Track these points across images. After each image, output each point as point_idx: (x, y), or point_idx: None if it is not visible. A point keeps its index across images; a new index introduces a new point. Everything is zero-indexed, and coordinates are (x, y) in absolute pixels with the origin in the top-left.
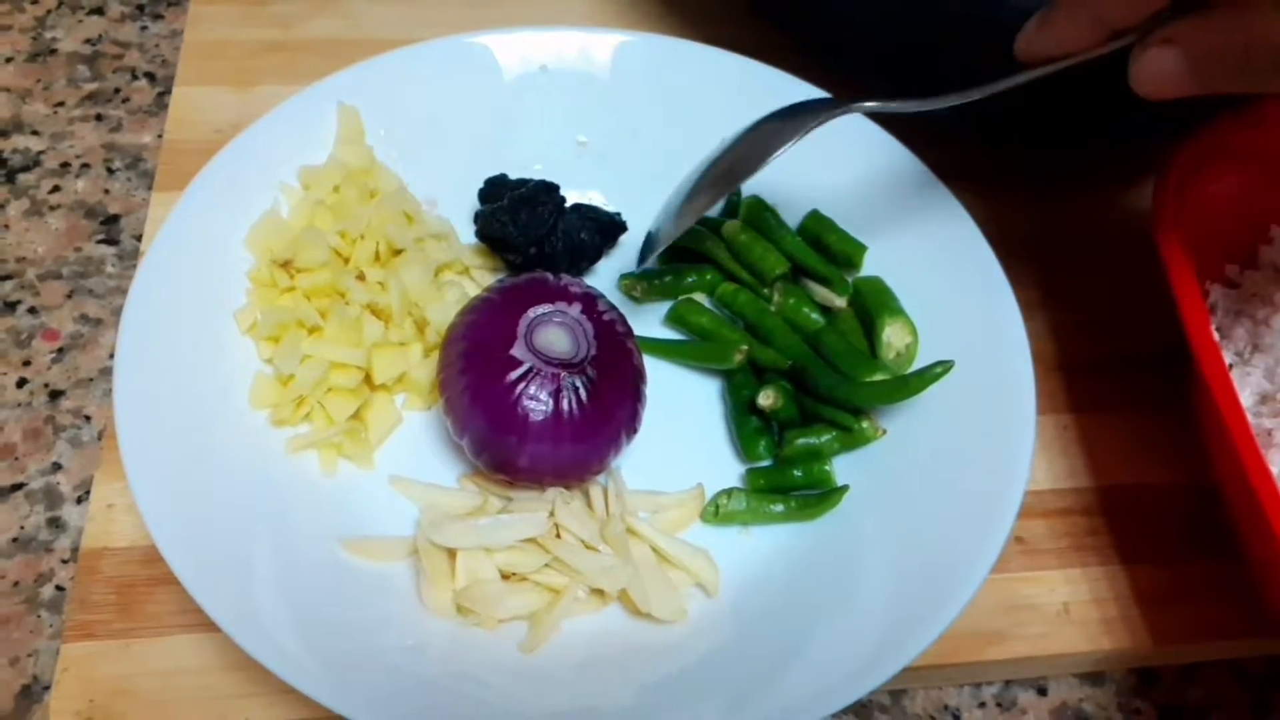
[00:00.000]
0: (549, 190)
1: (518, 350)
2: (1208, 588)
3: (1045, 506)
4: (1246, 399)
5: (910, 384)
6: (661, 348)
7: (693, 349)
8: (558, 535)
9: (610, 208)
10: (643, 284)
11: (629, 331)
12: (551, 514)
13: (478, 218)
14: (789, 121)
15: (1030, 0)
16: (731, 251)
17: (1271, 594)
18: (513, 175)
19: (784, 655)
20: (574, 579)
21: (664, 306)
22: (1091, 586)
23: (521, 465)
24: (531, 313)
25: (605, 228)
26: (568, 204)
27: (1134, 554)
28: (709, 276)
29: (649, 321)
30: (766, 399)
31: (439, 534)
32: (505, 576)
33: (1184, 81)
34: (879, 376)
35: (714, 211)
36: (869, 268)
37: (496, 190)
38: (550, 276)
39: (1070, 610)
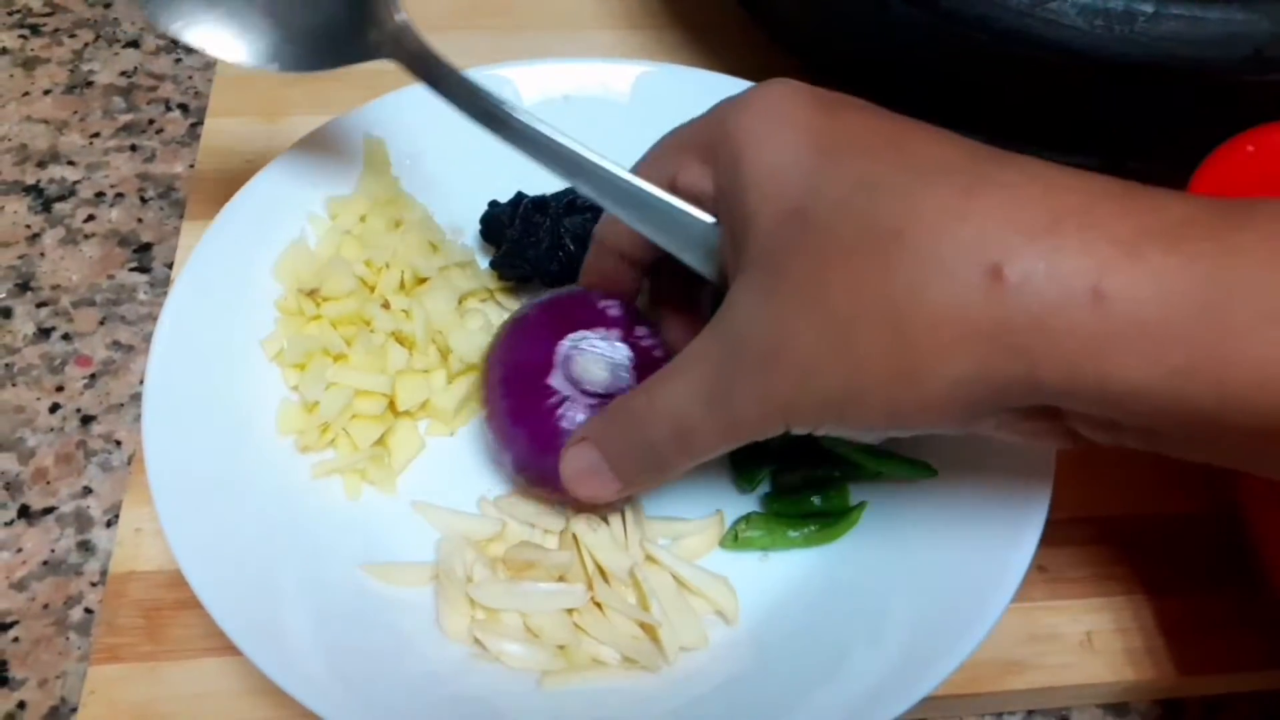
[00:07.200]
0: (539, 210)
1: (554, 380)
2: (1234, 618)
3: (1068, 535)
4: None
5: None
6: None
7: None
8: (581, 561)
9: None
10: None
11: (667, 356)
12: (576, 543)
13: (493, 266)
14: None
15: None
16: None
17: None
18: None
19: (802, 683)
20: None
21: None
22: (1115, 616)
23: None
24: (568, 341)
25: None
26: (550, 203)
27: (1158, 584)
28: None
29: None
30: None
31: (482, 594)
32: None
33: (609, 482)
34: None
35: None
36: None
37: (494, 229)
38: (588, 297)
39: (1093, 640)
